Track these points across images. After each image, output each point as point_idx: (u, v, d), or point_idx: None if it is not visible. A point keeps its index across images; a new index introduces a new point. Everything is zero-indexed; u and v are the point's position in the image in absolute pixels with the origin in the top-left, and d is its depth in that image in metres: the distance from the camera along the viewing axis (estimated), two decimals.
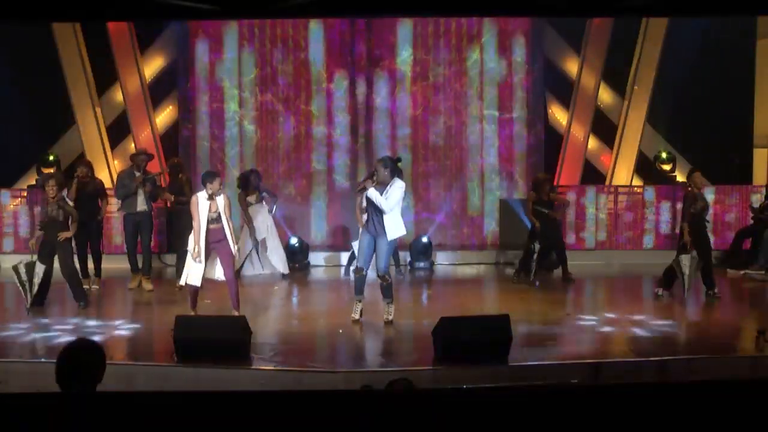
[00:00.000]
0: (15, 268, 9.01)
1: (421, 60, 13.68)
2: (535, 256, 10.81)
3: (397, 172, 8.34)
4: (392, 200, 8.21)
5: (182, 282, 8.51)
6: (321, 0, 8.51)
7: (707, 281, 9.79)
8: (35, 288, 9.02)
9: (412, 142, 13.75)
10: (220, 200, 8.28)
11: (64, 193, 9.64)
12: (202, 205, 8.23)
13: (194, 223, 8.26)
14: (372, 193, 8.20)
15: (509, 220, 13.42)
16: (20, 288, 9.01)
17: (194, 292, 8.48)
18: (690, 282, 9.49)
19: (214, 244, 8.32)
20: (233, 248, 8.40)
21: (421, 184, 13.79)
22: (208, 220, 8.25)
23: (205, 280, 8.42)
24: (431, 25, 13.63)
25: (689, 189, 9.95)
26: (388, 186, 8.23)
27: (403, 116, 13.73)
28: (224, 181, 12.84)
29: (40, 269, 9.02)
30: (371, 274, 8.55)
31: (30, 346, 7.69)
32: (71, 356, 3.80)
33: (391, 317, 8.50)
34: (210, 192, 8.24)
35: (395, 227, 8.31)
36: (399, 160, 8.72)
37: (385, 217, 8.24)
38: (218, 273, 8.43)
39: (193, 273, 8.30)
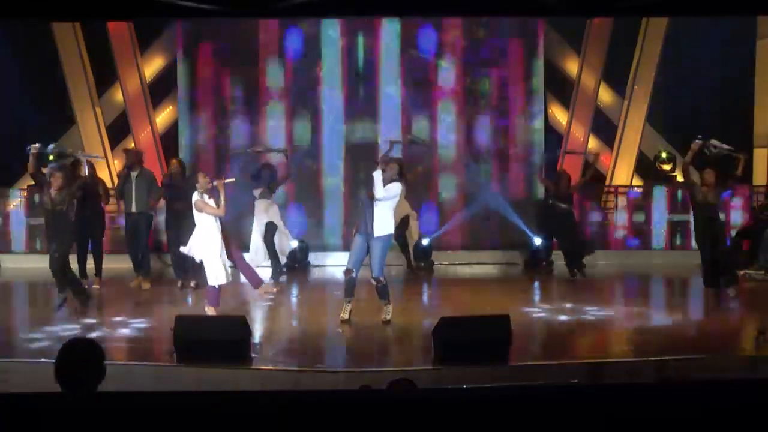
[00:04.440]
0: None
1: (421, 59, 13.67)
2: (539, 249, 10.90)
3: (401, 180, 8.44)
4: (390, 191, 8.29)
5: (212, 283, 8.49)
6: (321, 0, 8.51)
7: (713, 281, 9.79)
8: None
9: (410, 140, 13.73)
10: (216, 194, 8.41)
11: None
12: (208, 202, 8.39)
13: (205, 222, 8.36)
14: (377, 174, 8.26)
15: (509, 220, 13.42)
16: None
17: (219, 290, 8.57)
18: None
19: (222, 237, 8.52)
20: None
21: (421, 183, 13.78)
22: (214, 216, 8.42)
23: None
24: (431, 24, 13.62)
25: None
26: (390, 182, 8.34)
27: (403, 116, 13.72)
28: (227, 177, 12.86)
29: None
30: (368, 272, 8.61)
31: (30, 346, 7.68)
32: (70, 355, 3.79)
33: (389, 317, 8.51)
34: (201, 190, 8.39)
35: (383, 224, 8.38)
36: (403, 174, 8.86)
37: (376, 211, 8.31)
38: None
39: (218, 271, 8.40)
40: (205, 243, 8.41)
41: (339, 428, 2.99)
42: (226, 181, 8.52)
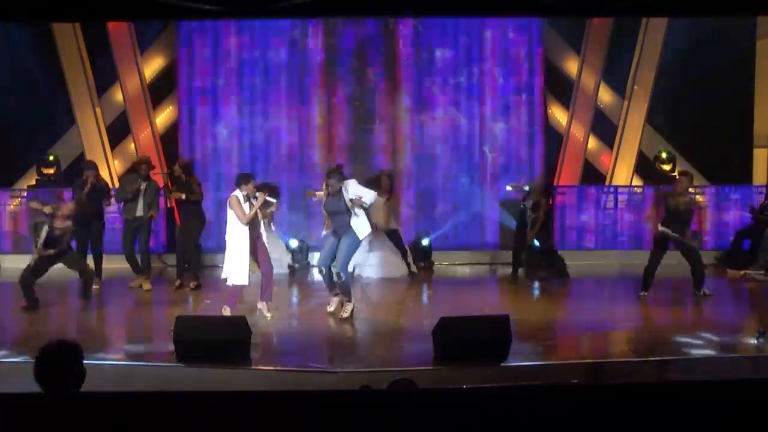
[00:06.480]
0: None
1: (421, 60, 13.67)
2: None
3: (343, 178, 8.69)
4: (366, 193, 8.55)
5: (229, 282, 8.51)
6: (321, 0, 8.52)
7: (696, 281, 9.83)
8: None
9: (411, 142, 13.74)
10: (254, 202, 8.46)
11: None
12: (243, 204, 8.41)
13: (237, 220, 8.36)
14: (357, 209, 8.53)
15: (509, 220, 13.41)
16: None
17: (239, 291, 8.57)
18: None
19: (252, 241, 8.52)
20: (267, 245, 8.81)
21: (421, 183, 13.78)
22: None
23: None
24: (431, 24, 13.62)
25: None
26: (343, 191, 8.52)
27: (403, 116, 13.72)
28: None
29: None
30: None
31: (29, 346, 7.67)
32: (49, 357, 3.78)
33: (346, 314, 8.71)
34: (245, 193, 8.42)
35: (363, 226, 8.62)
36: (341, 165, 9.47)
37: (352, 221, 8.53)
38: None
39: (239, 272, 8.39)
40: (231, 241, 8.45)
41: (339, 428, 2.99)
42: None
